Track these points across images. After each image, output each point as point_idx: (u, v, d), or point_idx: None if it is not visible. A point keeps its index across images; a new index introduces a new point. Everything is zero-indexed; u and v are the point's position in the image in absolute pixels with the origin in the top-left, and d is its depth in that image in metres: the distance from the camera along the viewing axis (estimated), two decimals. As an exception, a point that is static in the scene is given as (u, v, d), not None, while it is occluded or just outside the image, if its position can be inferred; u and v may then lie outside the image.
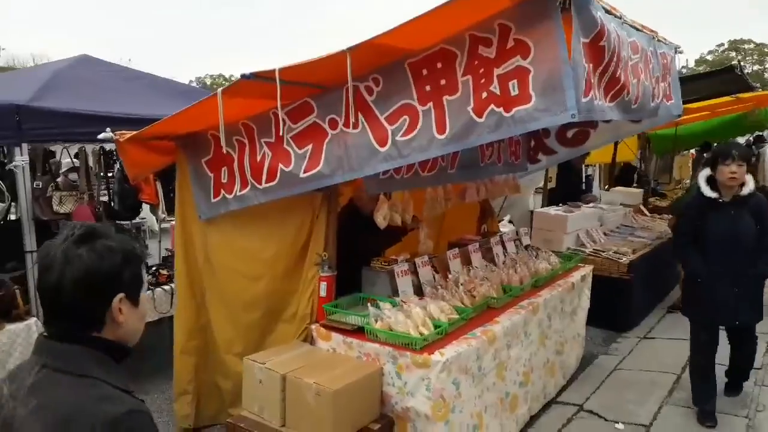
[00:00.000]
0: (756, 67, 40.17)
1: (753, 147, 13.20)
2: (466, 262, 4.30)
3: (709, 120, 10.16)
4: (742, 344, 4.05)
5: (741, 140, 14.13)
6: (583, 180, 14.18)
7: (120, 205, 4.85)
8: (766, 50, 41.63)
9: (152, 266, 5.12)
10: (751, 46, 41.98)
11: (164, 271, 4.96)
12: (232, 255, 3.86)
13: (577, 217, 6.13)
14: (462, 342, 3.22)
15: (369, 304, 3.39)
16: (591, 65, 2.79)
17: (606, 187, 9.58)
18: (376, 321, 3.28)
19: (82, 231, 1.27)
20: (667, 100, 4.38)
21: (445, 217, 5.63)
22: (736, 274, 3.72)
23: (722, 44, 41.20)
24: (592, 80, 2.81)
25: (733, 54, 40.57)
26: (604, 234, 6.61)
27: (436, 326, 3.26)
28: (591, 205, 7.07)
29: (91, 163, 5.00)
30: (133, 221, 5.92)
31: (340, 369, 3.14)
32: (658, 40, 4.02)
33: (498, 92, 2.65)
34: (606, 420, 3.87)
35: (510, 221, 7.44)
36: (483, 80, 2.70)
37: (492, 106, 2.68)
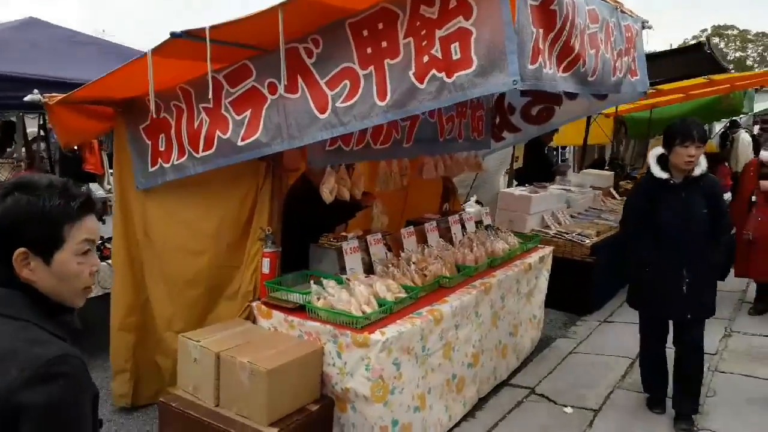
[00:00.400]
0: (738, 54, 40.35)
1: (728, 132, 13.26)
2: (422, 240, 4.16)
3: (684, 103, 10.09)
4: (688, 347, 3.54)
5: (717, 126, 14.20)
6: (557, 160, 14.21)
7: (61, 175, 4.61)
8: (748, 37, 41.72)
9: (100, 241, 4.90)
10: (735, 32, 41.96)
11: (109, 245, 4.73)
12: (173, 228, 3.68)
13: (542, 198, 6.01)
14: (406, 321, 3.09)
15: (312, 282, 3.24)
16: (541, 30, 2.64)
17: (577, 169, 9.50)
18: (318, 299, 3.13)
19: (8, 184, 1.30)
20: (632, 76, 4.25)
21: (407, 195, 5.50)
22: (687, 263, 3.42)
23: (705, 29, 41.18)
24: (541, 46, 2.65)
25: (717, 40, 40.74)
26: (571, 216, 6.51)
27: (381, 305, 3.13)
28: (558, 185, 6.97)
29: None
30: (101, 195, 5.67)
31: (279, 348, 2.99)
32: (622, 12, 3.88)
33: (440, 56, 2.50)
34: (556, 404, 3.79)
35: (478, 202, 7.31)
36: (425, 42, 2.54)
37: (434, 71, 2.52)
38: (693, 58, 5.63)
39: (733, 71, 11.95)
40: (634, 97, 4.71)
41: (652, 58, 5.14)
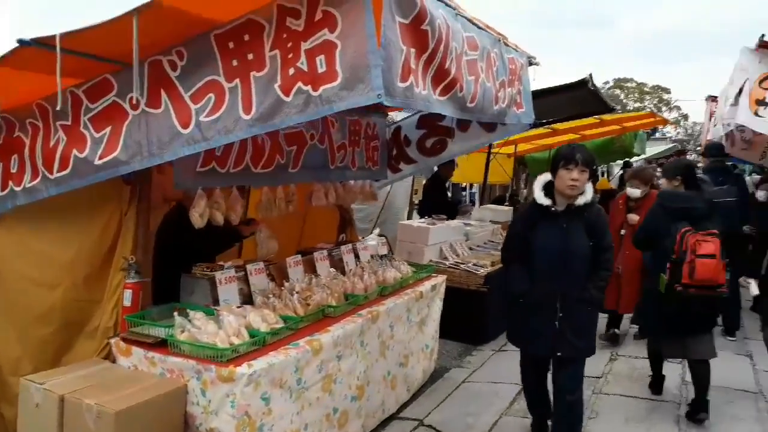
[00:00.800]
0: (637, 104, 43.89)
1: (621, 170, 14.21)
2: (312, 270, 3.99)
3: (581, 143, 10.75)
4: (562, 395, 3.31)
5: (616, 168, 15.18)
6: (466, 198, 14.61)
7: None
8: (645, 89, 45.83)
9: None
10: (633, 84, 46.14)
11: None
12: (24, 260, 3.31)
13: (440, 230, 6.04)
14: (280, 353, 2.88)
15: (175, 314, 2.96)
16: (413, 50, 2.62)
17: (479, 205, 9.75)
18: (182, 332, 2.86)
19: None
20: (517, 108, 4.38)
21: (304, 224, 5.34)
22: (562, 297, 3.20)
23: (608, 82, 45.20)
24: (413, 65, 2.63)
25: (618, 91, 44.43)
26: (470, 249, 6.58)
27: (253, 336, 2.91)
28: (458, 220, 7.05)
29: None
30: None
31: (135, 388, 2.69)
32: (506, 44, 4.00)
33: (306, 68, 2.40)
34: (443, 434, 3.68)
35: (381, 235, 7.25)
36: (291, 55, 2.44)
37: (299, 83, 2.42)
38: (579, 96, 5.91)
39: (619, 111, 12.91)
40: (521, 128, 4.87)
41: (541, 95, 5.33)
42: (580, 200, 3.22)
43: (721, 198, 4.78)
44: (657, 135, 31.43)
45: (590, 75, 5.32)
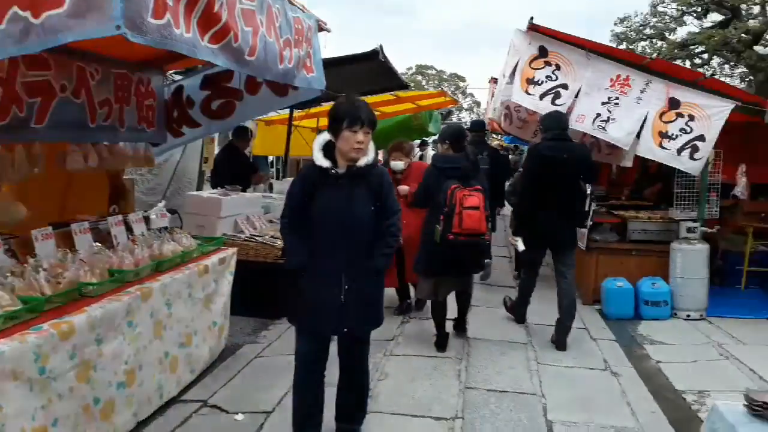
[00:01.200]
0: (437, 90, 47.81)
1: (418, 149, 15.07)
2: (69, 245, 3.43)
3: (385, 120, 11.06)
4: (351, 367, 3.15)
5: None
6: (272, 172, 14.26)
7: None
8: (444, 77, 49.67)
9: None
10: (433, 72, 50.08)
11: None
12: None
13: (234, 201, 5.70)
14: (13, 340, 2.40)
15: None
16: (171, -14, 2.31)
17: (281, 177, 9.56)
18: None
19: None
20: (307, 72, 4.24)
21: (69, 192, 4.62)
22: (347, 268, 2.94)
23: (411, 68, 48.25)
24: (169, 2, 2.31)
25: (420, 77, 47.48)
26: (270, 222, 6.36)
27: (-24, 323, 2.38)
28: (256, 191, 6.78)
29: None
30: None
31: None
32: (291, 3, 3.82)
33: (23, -11, 1.96)
34: (228, 413, 3.45)
35: (172, 210, 6.68)
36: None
37: (15, 8, 1.98)
38: (374, 69, 5.99)
39: (413, 88, 13.63)
40: (313, 93, 4.75)
41: (333, 63, 5.27)
42: (362, 161, 2.95)
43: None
44: (454, 119, 34.24)
45: (380, 46, 5.39)
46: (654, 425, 3.55)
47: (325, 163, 2.95)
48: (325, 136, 3.03)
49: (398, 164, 5.34)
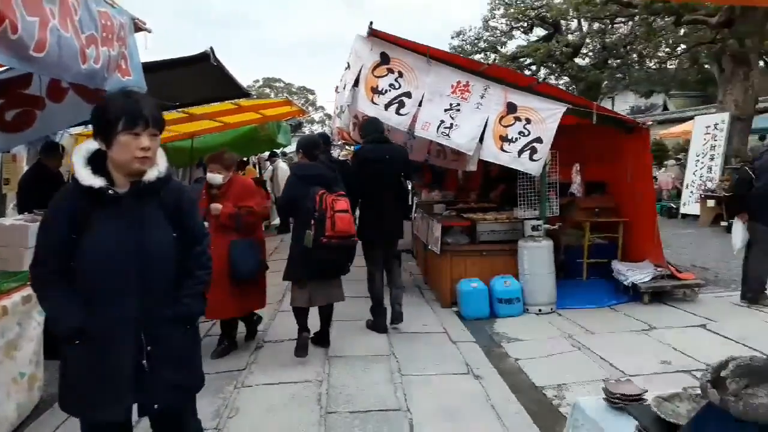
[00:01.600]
0: (290, 103, 47.70)
1: (268, 162, 14.53)
2: None
3: (225, 132, 10.45)
4: None
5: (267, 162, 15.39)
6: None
7: None
8: (293, 90, 49.76)
9: None
10: (281, 84, 49.95)
11: None
12: None
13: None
14: None
15: None
16: None
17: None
18: None
19: None
20: (122, 75, 3.75)
21: None
22: (145, 321, 2.18)
23: (258, 80, 47.56)
24: None
25: (268, 90, 46.76)
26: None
27: None
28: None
29: None
30: None
31: None
32: (96, -5, 3.29)
33: None
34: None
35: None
36: None
37: None
38: (209, 76, 5.50)
39: (255, 97, 13.15)
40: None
41: (158, 68, 4.74)
42: (152, 174, 2.21)
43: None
44: (306, 131, 34.08)
45: (211, 48, 4.94)
46: (519, 427, 3.52)
47: (96, 182, 2.13)
48: (91, 145, 2.21)
49: (216, 177, 4.62)
